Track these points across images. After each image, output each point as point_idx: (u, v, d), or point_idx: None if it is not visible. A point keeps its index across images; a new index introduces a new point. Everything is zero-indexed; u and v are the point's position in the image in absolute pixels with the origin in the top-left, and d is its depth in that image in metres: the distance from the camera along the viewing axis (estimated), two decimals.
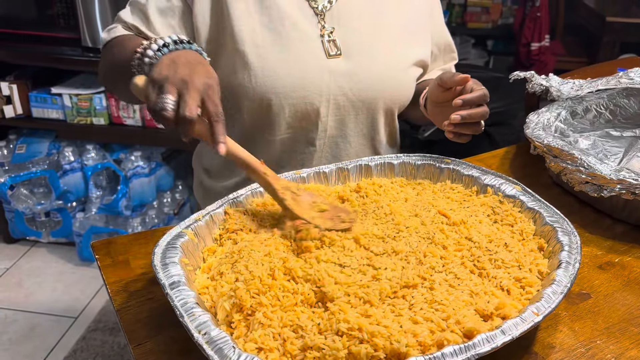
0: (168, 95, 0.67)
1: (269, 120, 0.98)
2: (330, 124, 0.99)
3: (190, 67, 0.71)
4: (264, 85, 0.93)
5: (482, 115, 0.85)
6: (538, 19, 3.50)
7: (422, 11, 1.05)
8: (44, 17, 2.14)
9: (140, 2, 0.97)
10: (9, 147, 2.33)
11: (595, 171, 0.86)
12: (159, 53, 0.74)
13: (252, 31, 0.93)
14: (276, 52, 0.93)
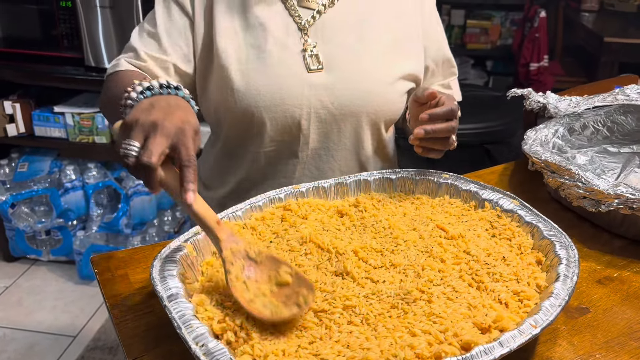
0: (132, 141, 0.63)
1: (253, 133, 0.99)
2: (312, 137, 1.00)
3: (166, 110, 0.67)
4: (245, 101, 0.95)
5: (448, 130, 0.86)
6: (537, 39, 3.54)
7: (414, 26, 1.05)
8: (48, 37, 2.17)
9: (147, 26, 0.99)
10: (10, 165, 2.34)
11: (593, 186, 0.86)
12: (141, 96, 0.72)
13: (237, 49, 0.96)
14: (258, 69, 0.95)
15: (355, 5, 1.00)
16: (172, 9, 0.98)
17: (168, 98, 0.71)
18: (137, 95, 0.72)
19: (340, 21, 0.99)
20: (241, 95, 0.94)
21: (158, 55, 0.96)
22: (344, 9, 0.99)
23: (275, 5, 0.97)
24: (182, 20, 0.98)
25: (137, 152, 0.63)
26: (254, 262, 0.67)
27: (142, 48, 0.97)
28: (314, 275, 0.69)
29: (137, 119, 0.65)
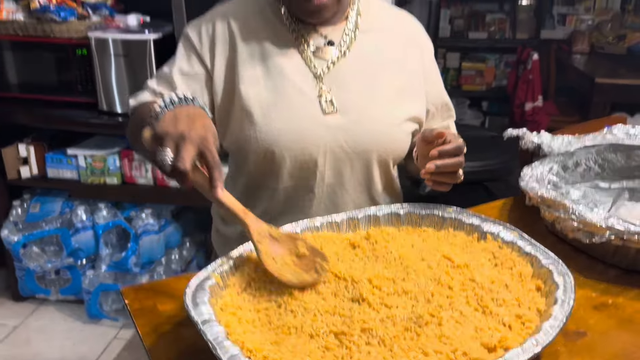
0: (166, 149, 0.76)
1: (272, 170, 1.07)
2: (327, 173, 1.08)
3: (189, 121, 0.79)
4: (267, 140, 1.03)
5: (456, 165, 0.94)
6: (530, 81, 3.67)
7: (416, 73, 1.15)
8: (63, 83, 2.27)
9: (165, 72, 1.08)
10: (23, 206, 2.41)
11: (586, 219, 0.93)
12: (165, 109, 0.83)
13: (259, 94, 1.05)
14: (278, 111, 1.04)
15: (364, 56, 1.10)
16: (192, 58, 1.07)
17: (187, 108, 0.82)
18: (161, 109, 0.83)
19: (351, 70, 1.08)
20: (263, 135, 1.03)
21: None
22: (354, 60, 1.09)
23: (293, 56, 1.07)
24: (199, 70, 1.07)
25: (171, 160, 0.75)
26: (275, 240, 0.83)
27: (157, 87, 1.07)
28: (332, 301, 0.75)
29: (167, 131, 0.77)
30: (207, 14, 1.11)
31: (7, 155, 2.32)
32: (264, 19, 1.09)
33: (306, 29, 1.08)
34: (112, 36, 2.07)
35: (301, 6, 1.02)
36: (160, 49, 2.07)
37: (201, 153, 0.76)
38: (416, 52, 1.16)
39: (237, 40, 1.06)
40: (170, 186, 2.30)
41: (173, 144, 0.76)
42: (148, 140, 0.80)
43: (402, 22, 1.18)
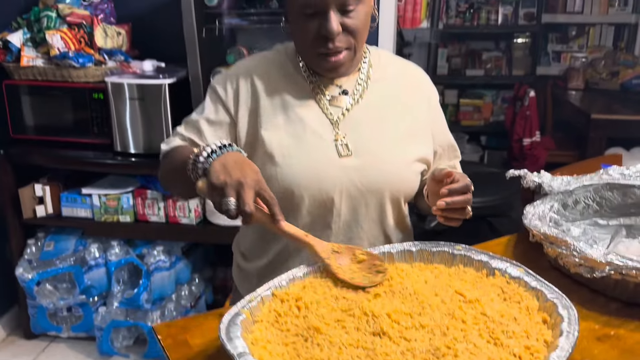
0: (230, 199, 0.87)
1: (292, 208, 1.14)
2: (343, 210, 1.15)
3: (239, 167, 0.90)
4: (287, 180, 1.12)
5: (465, 202, 1.04)
6: (528, 117, 3.77)
7: (423, 117, 1.24)
8: (79, 125, 2.35)
9: (193, 119, 1.18)
10: (37, 244, 2.46)
11: (587, 255, 0.99)
12: (209, 159, 0.93)
13: (280, 139, 1.14)
14: (298, 154, 1.13)
15: (375, 103, 1.19)
16: (218, 108, 1.17)
17: (231, 155, 0.93)
18: (205, 159, 0.93)
19: (364, 116, 1.17)
20: (284, 176, 1.11)
21: (199, 142, 1.14)
22: (367, 107, 1.18)
23: (311, 105, 1.16)
24: (225, 118, 1.16)
25: (235, 205, 0.86)
26: (338, 253, 0.98)
27: (186, 134, 1.16)
28: (355, 335, 0.81)
29: (225, 181, 0.88)
30: (232, 68, 1.21)
31: (23, 195, 2.39)
32: (285, 72, 1.18)
33: (322, 81, 1.17)
34: (128, 81, 2.17)
35: (320, 64, 1.12)
36: (175, 93, 2.17)
37: (258, 193, 0.89)
38: (423, 99, 1.25)
39: (259, 92, 1.16)
40: (181, 223, 2.36)
41: (234, 192, 0.87)
42: (204, 190, 0.91)
43: (409, 72, 1.28)
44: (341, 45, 1.08)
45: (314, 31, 1.06)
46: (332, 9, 1.04)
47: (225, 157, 0.92)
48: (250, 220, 0.87)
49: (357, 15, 1.07)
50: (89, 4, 2.37)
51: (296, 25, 1.09)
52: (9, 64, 2.29)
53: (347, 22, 1.06)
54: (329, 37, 1.05)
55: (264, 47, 2.38)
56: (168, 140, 1.18)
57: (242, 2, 2.25)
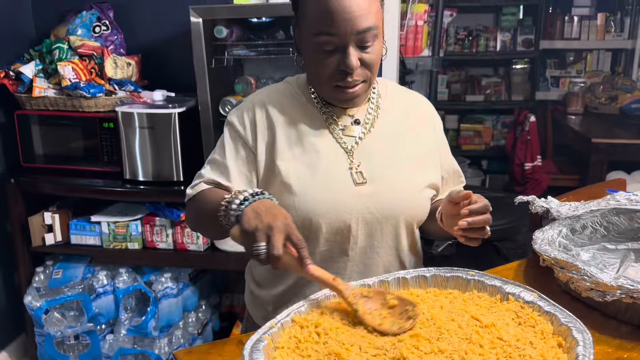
0: (260, 244, 0.90)
1: (310, 236, 1.17)
2: (360, 237, 1.18)
3: (269, 213, 0.93)
4: (305, 209, 1.15)
5: (485, 221, 1.06)
6: (529, 142, 3.82)
7: (430, 145, 1.28)
8: (89, 153, 2.39)
9: (217, 159, 1.21)
10: (45, 272, 2.48)
11: (598, 279, 1.02)
12: (241, 206, 0.97)
13: (296, 169, 1.17)
14: (315, 184, 1.16)
15: (386, 132, 1.23)
16: (238, 144, 1.20)
17: (262, 202, 0.96)
18: (237, 206, 0.97)
19: (376, 144, 1.21)
20: (301, 205, 1.14)
21: (225, 184, 1.18)
22: (378, 135, 1.22)
23: (325, 135, 1.20)
24: (245, 152, 1.20)
25: (264, 249, 0.89)
26: (367, 297, 0.95)
27: (211, 177, 1.19)
28: None
29: (256, 227, 0.91)
30: (246, 101, 1.25)
31: (33, 223, 2.41)
32: (298, 103, 1.22)
33: (335, 111, 1.21)
34: (138, 110, 2.21)
35: (337, 96, 1.16)
36: (184, 121, 2.21)
37: (288, 238, 0.91)
38: (429, 127, 1.30)
39: (275, 124, 1.19)
40: (189, 250, 2.38)
41: (264, 236, 0.90)
42: (237, 236, 0.94)
43: (416, 101, 1.33)
44: (358, 79, 1.12)
45: (334, 66, 1.10)
46: (351, 45, 1.08)
47: (257, 204, 0.96)
48: (279, 264, 0.90)
49: (374, 50, 1.11)
50: (100, 36, 2.43)
51: (314, 59, 1.13)
52: (21, 95, 2.33)
53: (364, 57, 1.10)
54: (349, 71, 1.10)
55: (271, 77, 2.45)
56: (193, 184, 1.22)
57: (249, 34, 2.31)
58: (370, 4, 1.08)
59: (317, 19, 1.08)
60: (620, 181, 1.68)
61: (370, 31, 1.08)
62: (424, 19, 2.75)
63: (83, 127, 2.35)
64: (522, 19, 4.63)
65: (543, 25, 4.47)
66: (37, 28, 2.62)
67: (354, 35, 1.07)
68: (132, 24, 2.53)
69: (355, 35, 1.07)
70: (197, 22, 2.11)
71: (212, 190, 1.16)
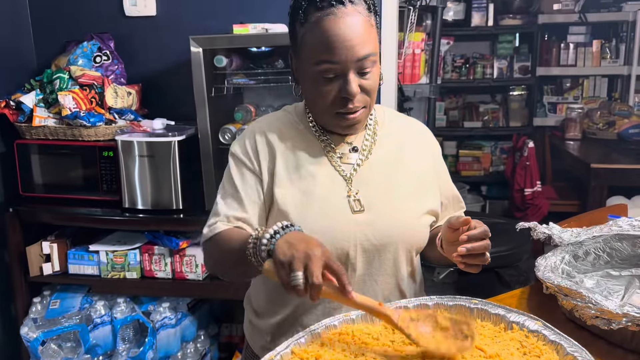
0: (298, 272, 0.86)
1: None
2: (358, 265, 1.17)
3: (304, 242, 0.90)
4: None
5: (485, 247, 1.04)
6: (528, 167, 3.82)
7: (429, 172, 1.28)
8: (88, 182, 2.38)
9: (229, 191, 1.20)
10: (43, 302, 2.44)
11: (603, 307, 1.00)
12: (272, 240, 0.94)
13: (293, 196, 1.16)
14: (312, 211, 1.15)
15: (384, 158, 1.23)
16: (244, 172, 1.20)
17: (294, 234, 0.93)
18: (268, 240, 0.94)
19: (374, 172, 1.20)
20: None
21: (241, 215, 1.17)
22: (376, 162, 1.21)
23: (323, 162, 1.20)
24: (253, 179, 1.19)
25: (302, 279, 0.85)
26: (416, 321, 0.92)
27: (228, 212, 1.17)
28: None
29: (292, 255, 0.88)
30: (246, 131, 1.25)
31: (31, 253, 2.39)
32: (296, 131, 1.22)
33: (333, 138, 1.21)
34: (138, 138, 2.21)
35: (338, 123, 1.16)
36: (184, 149, 2.21)
37: (326, 265, 0.88)
38: (427, 153, 1.29)
39: (275, 151, 1.19)
40: (188, 279, 2.36)
41: (302, 265, 0.86)
42: (271, 271, 0.90)
43: (413, 127, 1.33)
44: (359, 105, 1.13)
45: (334, 93, 1.11)
46: (351, 72, 1.09)
47: (289, 236, 0.93)
48: (318, 294, 0.86)
49: (372, 75, 1.12)
50: (101, 66, 2.45)
51: (314, 87, 1.13)
52: (21, 124, 2.34)
53: (364, 83, 1.11)
54: (349, 98, 1.10)
55: (270, 105, 2.46)
56: (209, 223, 1.19)
57: (249, 63, 2.33)
58: (369, 31, 1.10)
59: (317, 47, 1.09)
60: (621, 207, 1.67)
61: (369, 58, 1.10)
62: (421, 47, 2.78)
63: (82, 156, 2.35)
64: (518, 47, 4.69)
65: (539, 52, 4.52)
66: (38, 58, 2.65)
67: (354, 62, 1.08)
68: (132, 53, 2.55)
69: (355, 63, 1.09)
70: (197, 52, 2.13)
71: (232, 230, 1.14)
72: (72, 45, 2.49)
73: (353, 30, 1.07)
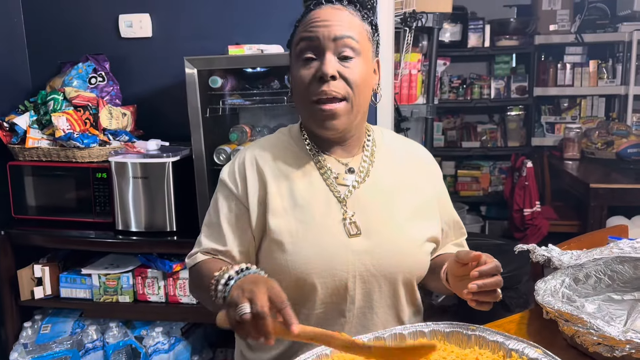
0: (243, 304, 0.83)
1: (305, 297, 1.12)
2: (357, 297, 1.12)
3: (254, 282, 0.88)
4: (298, 268, 1.09)
5: (497, 284, 0.99)
6: (527, 187, 3.80)
7: (430, 196, 1.23)
8: (82, 204, 2.34)
9: (212, 220, 1.18)
10: (34, 327, 2.39)
11: (605, 333, 0.97)
12: (227, 287, 0.92)
13: (288, 224, 1.12)
14: (307, 239, 1.11)
15: (381, 180, 1.19)
16: (230, 201, 1.17)
17: (248, 277, 0.91)
18: (223, 287, 0.92)
19: (371, 194, 1.16)
20: (295, 264, 1.09)
21: (220, 248, 1.15)
22: (373, 185, 1.18)
23: (318, 184, 1.16)
24: (239, 208, 1.16)
25: (248, 310, 0.82)
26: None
27: (208, 245, 1.17)
28: None
29: (237, 294, 0.85)
30: (236, 156, 1.22)
31: (22, 277, 2.35)
32: (290, 153, 1.19)
33: (329, 159, 1.18)
34: (132, 160, 2.19)
35: (316, 114, 1.11)
36: (178, 170, 2.19)
37: (271, 299, 0.84)
38: (428, 177, 1.26)
39: (266, 179, 1.15)
40: (182, 302, 2.31)
41: (247, 299, 0.83)
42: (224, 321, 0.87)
43: (413, 150, 1.29)
44: (337, 91, 1.08)
45: (311, 75, 1.09)
46: (329, 51, 1.08)
47: (243, 280, 0.91)
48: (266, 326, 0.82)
49: (354, 66, 1.09)
50: (96, 87, 2.44)
51: (296, 75, 1.12)
52: (14, 146, 2.32)
53: (343, 71, 1.08)
54: (324, 78, 1.07)
55: (266, 125, 2.44)
56: (191, 253, 1.20)
57: (244, 83, 2.32)
58: (351, 20, 1.10)
59: (300, 30, 1.11)
60: (621, 227, 1.64)
61: (348, 39, 1.08)
62: (417, 68, 2.78)
63: (76, 177, 2.32)
64: (515, 67, 4.70)
65: (536, 72, 4.53)
66: (33, 80, 2.64)
67: (330, 40, 1.07)
68: (128, 74, 2.54)
69: (333, 42, 1.07)
70: (192, 73, 2.12)
71: (208, 263, 1.14)
72: (68, 67, 2.49)
73: (335, 15, 1.09)
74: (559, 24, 4.41)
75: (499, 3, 4.63)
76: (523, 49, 4.52)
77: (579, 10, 4.39)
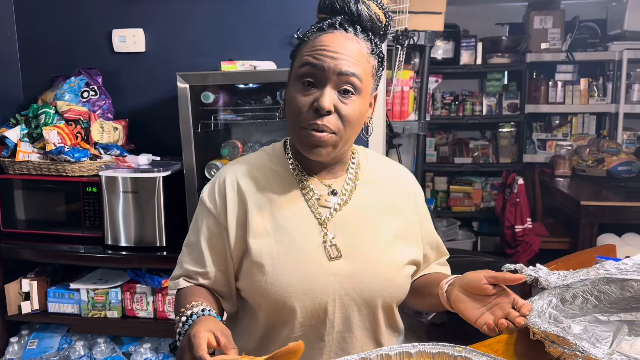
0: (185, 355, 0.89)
1: (284, 319, 1.11)
2: (337, 321, 1.12)
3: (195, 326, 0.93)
4: (278, 292, 1.09)
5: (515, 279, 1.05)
6: (518, 204, 3.81)
7: (411, 218, 1.23)
8: (71, 218, 2.33)
9: (192, 240, 1.19)
10: (20, 342, 2.37)
11: (590, 355, 0.96)
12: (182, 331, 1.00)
13: (269, 246, 1.11)
14: (288, 262, 1.10)
15: (363, 204, 1.18)
16: (210, 221, 1.16)
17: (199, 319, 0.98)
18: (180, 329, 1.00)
19: (353, 217, 1.16)
20: (274, 287, 1.08)
21: (200, 270, 1.16)
22: (355, 207, 1.17)
23: (299, 205, 1.15)
24: (218, 229, 1.16)
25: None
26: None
27: (189, 267, 1.18)
28: None
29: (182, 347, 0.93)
30: (217, 175, 1.21)
31: (9, 291, 2.33)
32: (273, 173, 1.18)
33: (312, 180, 1.17)
34: (122, 174, 2.18)
35: (303, 138, 1.08)
36: (169, 185, 2.18)
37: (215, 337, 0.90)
38: (410, 199, 1.25)
39: (246, 200, 1.14)
40: (170, 318, 2.29)
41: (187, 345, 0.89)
42: None
43: (396, 173, 1.28)
44: (329, 126, 1.06)
45: (309, 101, 1.06)
46: (329, 85, 1.06)
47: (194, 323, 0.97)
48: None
49: (353, 104, 1.07)
50: (88, 101, 2.44)
51: (293, 94, 1.09)
52: (4, 159, 2.31)
53: (340, 107, 1.06)
54: (320, 111, 1.05)
55: (258, 141, 2.45)
56: (174, 275, 1.21)
57: (236, 99, 2.32)
58: (360, 57, 1.07)
59: (307, 52, 1.08)
60: (610, 247, 1.65)
61: (352, 77, 1.06)
62: (409, 84, 2.80)
63: (66, 191, 2.31)
64: (506, 84, 4.74)
65: (527, 90, 4.57)
66: (25, 93, 2.64)
67: (335, 74, 1.05)
68: (120, 89, 2.55)
69: (337, 76, 1.05)
70: (184, 88, 2.13)
71: (187, 292, 1.15)
72: (60, 80, 2.49)
73: (344, 47, 1.06)
74: (550, 42, 4.46)
75: (491, 21, 4.69)
76: (515, 66, 4.57)
77: (570, 29, 4.45)
